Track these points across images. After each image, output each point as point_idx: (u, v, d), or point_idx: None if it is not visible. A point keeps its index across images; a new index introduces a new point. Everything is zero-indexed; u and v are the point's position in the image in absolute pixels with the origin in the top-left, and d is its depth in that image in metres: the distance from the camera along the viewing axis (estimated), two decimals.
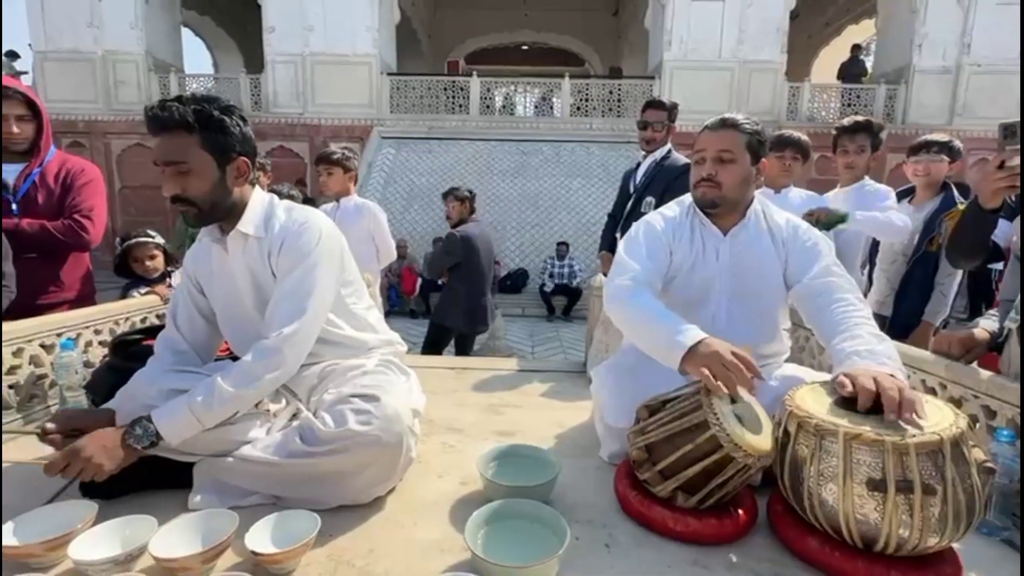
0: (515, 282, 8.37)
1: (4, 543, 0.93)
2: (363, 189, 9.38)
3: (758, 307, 1.42)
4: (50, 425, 1.11)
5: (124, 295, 2.36)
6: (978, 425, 1.28)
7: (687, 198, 1.54)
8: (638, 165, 2.75)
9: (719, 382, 1.05)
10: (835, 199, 2.44)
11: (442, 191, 3.95)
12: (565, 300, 7.65)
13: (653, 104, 2.65)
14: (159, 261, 2.40)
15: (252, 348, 1.18)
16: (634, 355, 1.48)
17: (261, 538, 0.99)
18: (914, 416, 0.94)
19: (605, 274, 2.55)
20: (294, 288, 1.21)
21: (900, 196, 2.64)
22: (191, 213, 1.19)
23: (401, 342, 1.58)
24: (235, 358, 1.69)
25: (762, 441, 1.06)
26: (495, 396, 1.99)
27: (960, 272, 2.31)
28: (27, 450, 1.40)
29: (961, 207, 2.36)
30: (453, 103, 11.38)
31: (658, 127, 2.61)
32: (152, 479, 1.22)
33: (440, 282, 7.50)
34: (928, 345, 1.61)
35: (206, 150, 1.15)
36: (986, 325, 1.48)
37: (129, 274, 2.38)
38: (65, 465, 1.02)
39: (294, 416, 1.32)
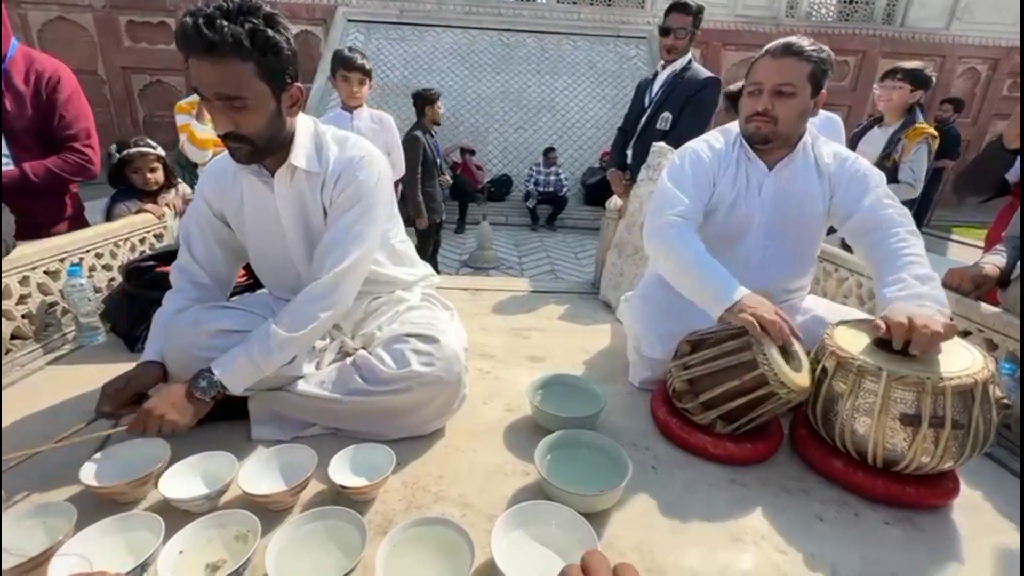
0: (499, 189, 8.15)
1: (90, 483, 0.96)
2: (328, 83, 8.59)
3: (795, 243, 1.45)
4: (107, 408, 1.06)
5: (111, 206, 2.20)
6: None
7: (733, 127, 1.49)
8: (655, 76, 2.59)
9: (764, 331, 1.11)
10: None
11: (419, 85, 3.96)
12: (550, 209, 7.56)
13: (677, 7, 2.43)
14: (160, 174, 2.22)
15: (303, 290, 1.14)
16: (663, 288, 1.51)
17: (342, 471, 1.04)
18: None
19: (617, 194, 2.52)
20: (349, 227, 1.15)
21: (874, 123, 2.73)
22: (243, 151, 1.06)
23: (435, 273, 1.57)
24: (253, 287, 1.66)
25: (803, 378, 1.14)
26: (516, 319, 2.04)
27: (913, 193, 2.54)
28: (69, 384, 1.38)
29: (920, 125, 2.51)
30: None
31: (681, 34, 2.43)
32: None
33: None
34: None
35: (263, 79, 1.00)
36: (994, 260, 1.57)
37: (123, 183, 2.20)
38: (144, 425, 1.01)
39: (341, 349, 1.33)
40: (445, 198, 7.40)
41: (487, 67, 9.54)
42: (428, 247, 4.26)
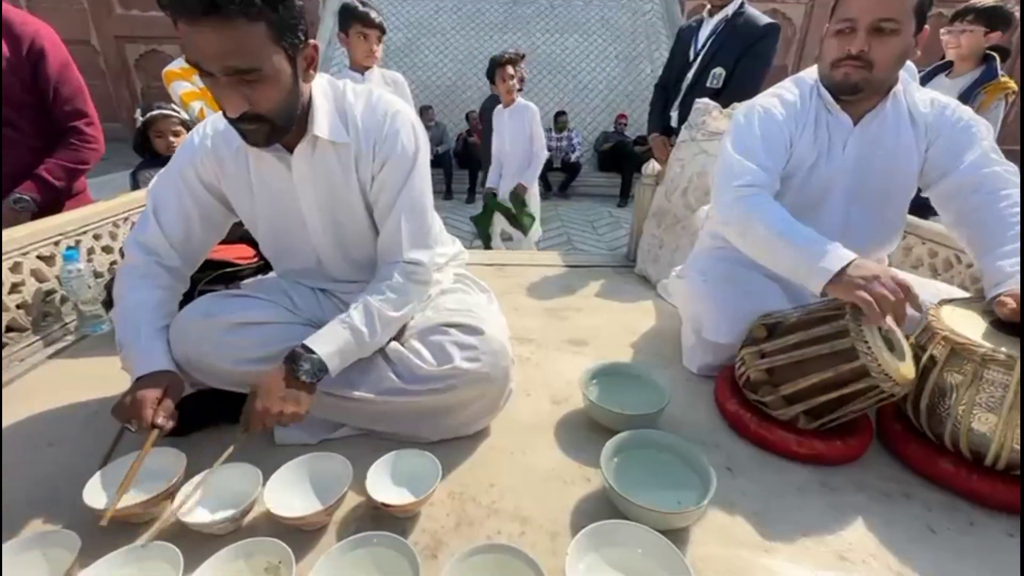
0: None
1: (96, 505, 0.83)
2: (331, 47, 8.22)
3: (881, 207, 1.26)
4: (161, 420, 0.88)
5: (135, 177, 2.09)
6: None
7: (808, 76, 1.29)
8: (700, 23, 2.30)
9: (880, 310, 0.93)
10: None
11: (423, 48, 3.64)
12: (563, 176, 7.30)
13: None
14: (184, 139, 2.08)
15: (395, 268, 1.02)
16: (726, 263, 1.35)
17: (382, 483, 0.91)
18: None
19: (659, 162, 2.30)
20: (414, 202, 1.02)
21: (939, 70, 2.41)
22: (261, 133, 0.87)
23: (463, 249, 1.41)
24: (264, 268, 1.51)
25: (908, 368, 0.99)
26: (550, 298, 1.89)
27: None
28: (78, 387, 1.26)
29: (1003, 79, 2.21)
30: None
31: None
32: (214, 413, 1.10)
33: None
34: None
35: (276, 41, 0.80)
36: None
37: (148, 151, 2.09)
38: (263, 425, 0.90)
39: None
40: (455, 167, 7.20)
41: (493, 27, 9.08)
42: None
